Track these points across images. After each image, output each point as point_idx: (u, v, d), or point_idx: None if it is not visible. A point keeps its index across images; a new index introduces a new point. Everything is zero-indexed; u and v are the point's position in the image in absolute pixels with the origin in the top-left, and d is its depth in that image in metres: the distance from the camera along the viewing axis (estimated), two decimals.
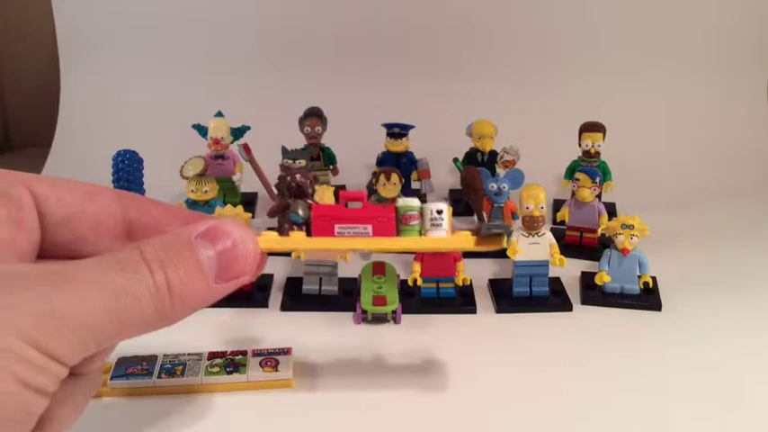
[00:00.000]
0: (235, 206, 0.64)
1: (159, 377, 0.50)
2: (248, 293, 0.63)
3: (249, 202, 0.78)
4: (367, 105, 0.92)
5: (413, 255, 0.63)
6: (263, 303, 0.62)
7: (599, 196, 0.71)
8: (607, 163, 0.76)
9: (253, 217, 0.73)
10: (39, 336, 0.24)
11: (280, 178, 0.66)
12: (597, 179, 0.69)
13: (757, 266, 0.69)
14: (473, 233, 0.36)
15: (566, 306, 0.62)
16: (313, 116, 0.77)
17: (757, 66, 0.99)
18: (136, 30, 0.96)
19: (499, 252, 0.66)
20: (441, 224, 0.36)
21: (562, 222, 0.73)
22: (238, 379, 0.51)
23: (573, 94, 0.96)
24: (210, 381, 0.50)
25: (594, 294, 0.63)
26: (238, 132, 0.76)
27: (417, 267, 0.61)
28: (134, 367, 0.51)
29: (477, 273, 0.64)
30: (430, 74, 0.97)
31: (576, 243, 0.72)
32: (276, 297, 0.63)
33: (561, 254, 0.61)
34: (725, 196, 0.84)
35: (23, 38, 0.99)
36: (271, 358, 0.52)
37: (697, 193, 0.85)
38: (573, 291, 0.64)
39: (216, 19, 0.96)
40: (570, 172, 0.76)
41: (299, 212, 0.40)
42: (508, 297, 0.63)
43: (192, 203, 0.68)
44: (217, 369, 0.51)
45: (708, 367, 0.54)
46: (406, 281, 0.63)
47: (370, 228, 0.36)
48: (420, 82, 0.96)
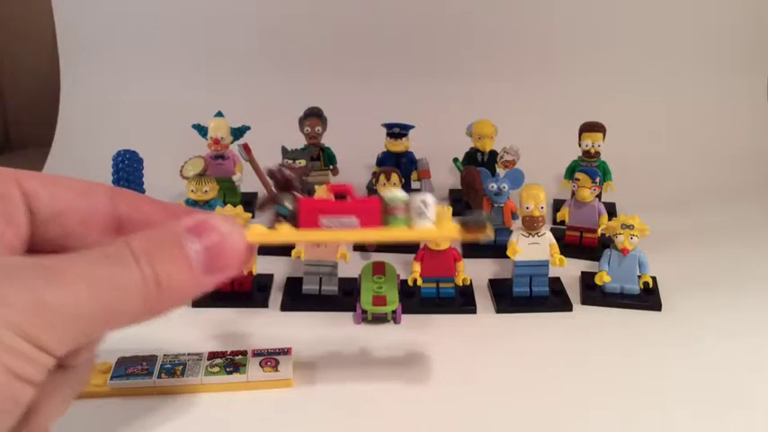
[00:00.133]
0: (235, 206, 0.64)
1: (159, 377, 0.50)
2: (248, 293, 0.63)
3: (249, 202, 0.78)
4: (367, 105, 0.92)
5: (413, 255, 0.63)
6: (263, 303, 0.62)
7: (599, 196, 0.71)
8: (607, 163, 0.76)
9: (253, 217, 0.73)
10: (28, 327, 0.24)
11: (268, 172, 0.67)
12: (597, 179, 0.69)
13: (757, 266, 0.69)
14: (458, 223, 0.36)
15: (566, 306, 0.62)
16: (313, 116, 0.77)
17: (757, 66, 0.99)
18: (136, 30, 0.96)
19: (499, 252, 0.66)
20: (426, 215, 0.36)
21: (562, 222, 0.73)
22: (238, 379, 0.51)
23: (573, 94, 0.96)
24: (210, 381, 0.50)
25: (594, 294, 0.63)
26: (238, 132, 0.76)
27: (417, 267, 0.61)
28: (134, 367, 0.51)
29: (477, 273, 0.64)
30: (430, 74, 0.97)
31: (576, 243, 0.72)
32: (276, 297, 0.63)
33: (561, 254, 0.61)
34: (725, 196, 0.84)
35: (23, 38, 0.99)
36: (271, 358, 0.52)
37: (697, 193, 0.85)
38: (573, 291, 0.64)
39: (216, 19, 0.96)
40: (570, 172, 0.76)
41: (287, 205, 0.40)
42: (508, 297, 0.63)
43: (192, 203, 0.68)
44: (217, 369, 0.51)
45: (708, 367, 0.54)
46: (406, 281, 0.63)
47: (356, 220, 0.36)
48: (420, 82, 0.96)
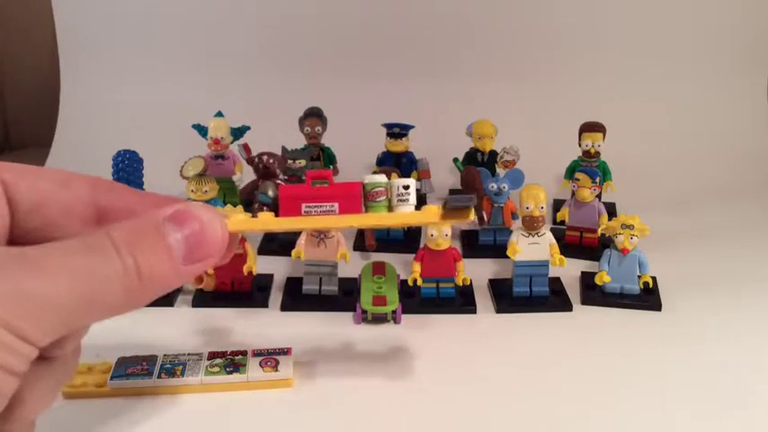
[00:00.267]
0: (235, 206, 0.64)
1: (159, 377, 0.50)
2: (248, 293, 0.63)
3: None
4: (367, 105, 0.92)
5: (413, 255, 0.63)
6: (263, 303, 0.62)
7: (599, 196, 0.72)
8: (607, 163, 0.76)
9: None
10: (9, 317, 0.24)
11: (248, 160, 0.67)
12: (597, 179, 0.69)
13: (757, 266, 0.69)
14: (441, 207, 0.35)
15: (566, 306, 0.62)
16: (313, 116, 0.77)
17: (757, 66, 0.99)
18: (136, 30, 0.96)
19: (499, 252, 0.66)
20: (407, 199, 0.36)
21: (562, 222, 0.73)
22: (238, 379, 0.51)
23: (573, 94, 0.96)
24: (210, 381, 0.50)
25: (594, 294, 0.63)
26: (238, 132, 0.76)
27: (417, 267, 0.61)
28: (134, 367, 0.51)
29: (477, 273, 0.64)
30: (430, 74, 0.97)
31: (576, 243, 0.72)
32: (276, 297, 0.63)
33: (561, 254, 0.61)
34: (725, 196, 0.84)
35: (23, 38, 0.99)
36: (271, 358, 0.52)
37: (697, 193, 0.85)
38: (573, 291, 0.64)
39: (216, 19, 0.96)
40: (570, 172, 0.76)
41: (268, 193, 0.40)
42: (508, 297, 0.63)
43: None
44: (217, 369, 0.51)
45: (708, 367, 0.54)
46: (406, 281, 0.63)
47: (336, 206, 0.36)
48: (420, 82, 0.96)
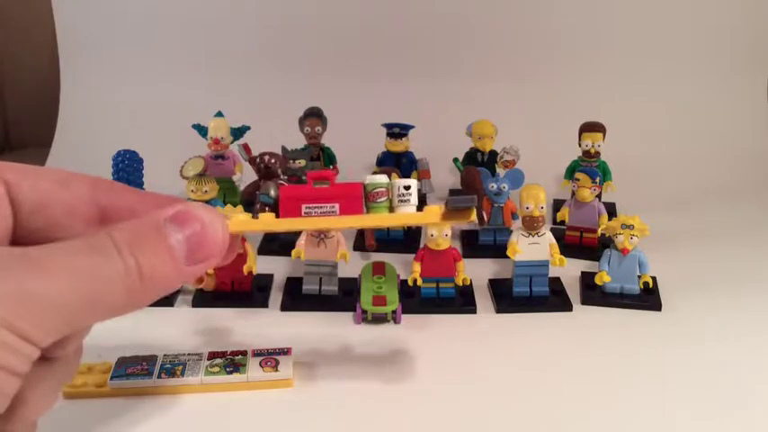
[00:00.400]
0: (235, 206, 0.64)
1: (159, 377, 0.50)
2: (248, 293, 0.63)
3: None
4: (367, 105, 0.92)
5: (413, 255, 0.63)
6: (263, 303, 0.62)
7: (599, 196, 0.72)
8: (607, 163, 0.76)
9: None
10: (11, 317, 0.24)
11: (249, 160, 0.67)
12: (597, 179, 0.69)
13: (757, 266, 0.69)
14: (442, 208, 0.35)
15: (566, 306, 0.62)
16: (313, 116, 0.77)
17: (757, 66, 0.99)
18: (136, 30, 0.96)
19: (499, 252, 0.66)
20: (409, 200, 0.36)
21: (562, 222, 0.73)
22: (238, 379, 0.51)
23: (573, 94, 0.96)
24: (210, 381, 0.50)
25: (594, 294, 0.63)
26: (238, 132, 0.76)
27: (417, 267, 0.61)
28: (134, 367, 0.51)
29: (477, 273, 0.64)
30: (430, 74, 0.97)
31: (576, 243, 0.72)
32: (276, 297, 0.63)
33: (561, 254, 0.61)
34: (725, 196, 0.84)
35: (23, 38, 0.99)
36: (271, 358, 0.52)
37: (697, 193, 0.85)
38: (573, 291, 0.64)
39: (216, 19, 0.96)
40: (570, 172, 0.76)
41: (270, 193, 0.40)
42: (508, 297, 0.63)
43: None
44: (217, 369, 0.51)
45: (708, 367, 0.54)
46: (406, 281, 0.63)
47: (337, 206, 0.36)
48: (420, 82, 0.96)
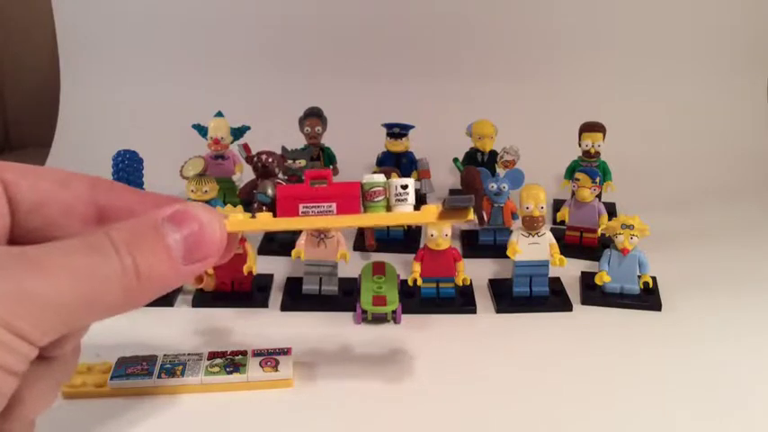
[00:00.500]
0: (235, 206, 0.64)
1: (159, 377, 0.50)
2: (248, 293, 0.63)
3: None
4: (367, 105, 0.92)
5: (413, 255, 0.63)
6: (263, 303, 0.62)
7: (599, 196, 0.71)
8: (607, 163, 0.76)
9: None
10: (9, 317, 0.24)
11: (246, 159, 0.66)
12: (597, 179, 0.69)
13: (757, 266, 0.69)
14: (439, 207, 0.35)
15: (566, 306, 0.62)
16: (313, 116, 0.77)
17: (757, 66, 0.99)
18: (136, 30, 0.96)
19: (499, 252, 0.66)
20: (406, 199, 0.36)
21: (562, 222, 0.73)
22: (238, 379, 0.51)
23: (573, 94, 0.96)
24: (210, 381, 0.50)
25: (594, 294, 0.63)
26: (238, 132, 0.76)
27: (417, 267, 0.61)
28: (134, 367, 0.51)
29: (477, 273, 0.64)
30: (430, 74, 0.97)
31: (576, 243, 0.71)
32: (276, 297, 0.63)
33: (561, 254, 0.61)
34: (725, 196, 0.84)
35: (23, 38, 0.99)
36: (271, 358, 0.52)
37: (697, 193, 0.85)
38: (573, 291, 0.64)
39: (216, 19, 0.96)
40: (570, 172, 0.76)
41: (267, 192, 0.40)
42: (508, 297, 0.63)
43: None
44: (217, 369, 0.51)
45: (708, 367, 0.54)
46: (406, 281, 0.63)
47: (334, 206, 0.36)
48: (420, 82, 0.96)
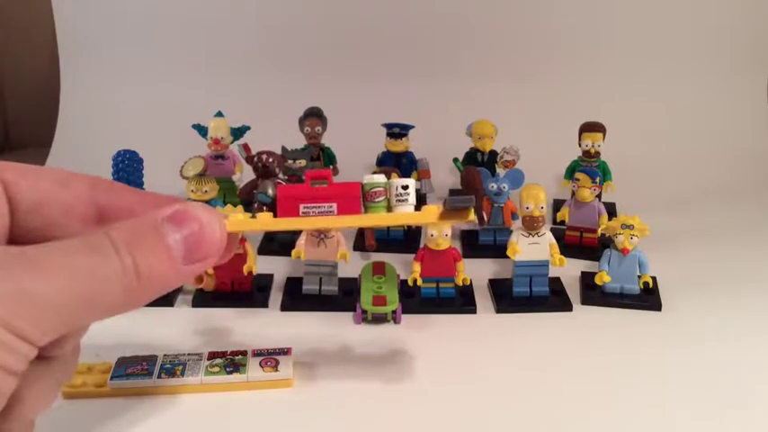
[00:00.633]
0: (235, 206, 0.64)
1: (159, 377, 0.50)
2: (248, 293, 0.63)
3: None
4: (367, 105, 0.92)
5: (413, 255, 0.63)
6: (263, 303, 0.62)
7: (599, 196, 0.71)
8: (607, 163, 0.76)
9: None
10: (9, 316, 0.24)
11: (247, 159, 0.66)
12: (597, 179, 0.69)
13: (757, 266, 0.69)
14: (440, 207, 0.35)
15: (566, 306, 0.62)
16: (313, 116, 0.77)
17: (757, 66, 0.99)
18: (136, 30, 0.96)
19: (499, 252, 0.66)
20: (406, 199, 0.36)
21: (562, 222, 0.73)
22: (238, 379, 0.51)
23: (573, 94, 0.96)
24: (210, 381, 0.50)
25: (594, 294, 0.63)
26: (238, 132, 0.76)
27: (417, 267, 0.61)
28: (134, 367, 0.51)
29: (477, 273, 0.64)
30: (430, 74, 0.97)
31: (576, 243, 0.71)
32: (276, 297, 0.63)
33: (561, 254, 0.61)
34: (725, 196, 0.84)
35: (23, 38, 0.99)
36: (271, 358, 0.52)
37: (697, 193, 0.85)
38: (573, 291, 0.64)
39: (216, 19, 0.96)
40: (570, 172, 0.76)
41: (268, 192, 0.40)
42: (508, 297, 0.63)
43: None
44: (217, 369, 0.51)
45: (708, 367, 0.54)
46: (406, 281, 0.63)
47: (335, 206, 0.36)
48: (420, 82, 0.96)
